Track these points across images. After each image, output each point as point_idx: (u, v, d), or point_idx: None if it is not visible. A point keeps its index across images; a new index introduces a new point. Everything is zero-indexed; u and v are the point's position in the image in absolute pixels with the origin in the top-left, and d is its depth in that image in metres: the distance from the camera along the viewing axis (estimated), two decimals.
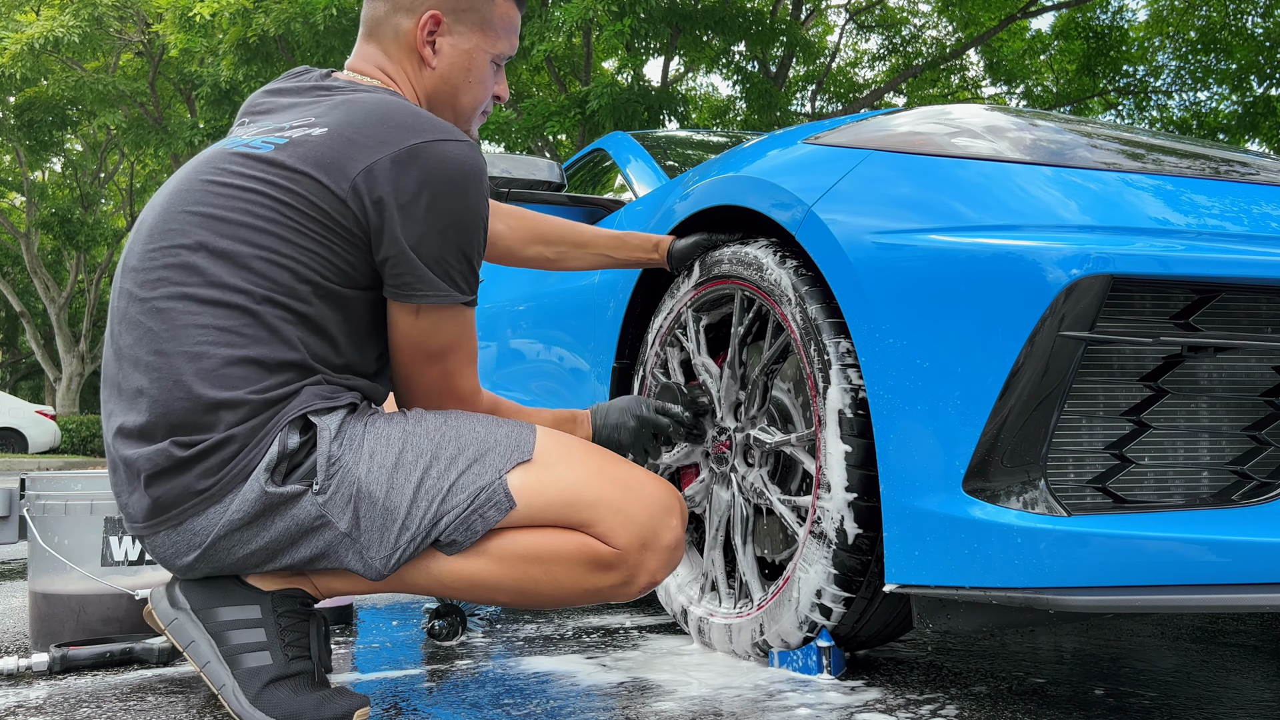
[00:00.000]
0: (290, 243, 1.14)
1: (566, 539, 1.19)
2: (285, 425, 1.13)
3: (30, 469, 11.34)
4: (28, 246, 18.81)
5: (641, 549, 1.21)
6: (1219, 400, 1.18)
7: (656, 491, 1.25)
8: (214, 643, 1.15)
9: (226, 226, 1.14)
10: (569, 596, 1.22)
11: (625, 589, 1.23)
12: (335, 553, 1.15)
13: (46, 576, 1.65)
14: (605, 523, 1.19)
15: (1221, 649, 1.67)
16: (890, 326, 1.25)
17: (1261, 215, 1.20)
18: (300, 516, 1.13)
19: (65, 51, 12.33)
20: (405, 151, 1.15)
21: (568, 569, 1.19)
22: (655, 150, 2.70)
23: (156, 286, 1.14)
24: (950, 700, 1.32)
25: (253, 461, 1.12)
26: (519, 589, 1.20)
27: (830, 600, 1.37)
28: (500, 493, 1.16)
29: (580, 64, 12.91)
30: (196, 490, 1.11)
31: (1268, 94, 13.80)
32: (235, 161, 1.18)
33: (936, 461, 1.19)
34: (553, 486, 1.18)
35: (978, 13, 13.87)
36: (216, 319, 1.12)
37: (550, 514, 1.18)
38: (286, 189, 1.15)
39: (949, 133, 1.33)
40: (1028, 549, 1.13)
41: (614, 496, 1.20)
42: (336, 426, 1.15)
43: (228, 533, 1.12)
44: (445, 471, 1.15)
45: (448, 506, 1.14)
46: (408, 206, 1.15)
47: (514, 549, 1.18)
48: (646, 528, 1.21)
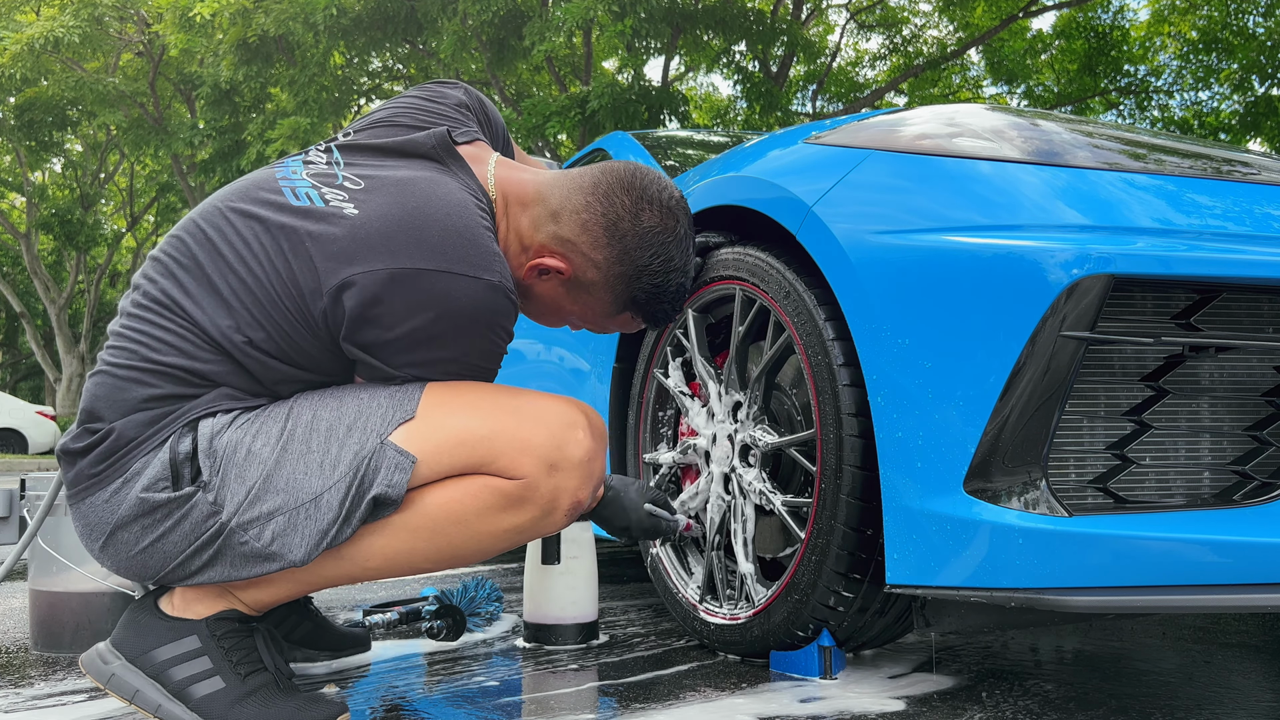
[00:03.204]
0: (265, 311, 1.10)
1: (469, 485, 1.12)
2: (180, 428, 1.10)
3: (30, 469, 11.34)
4: (28, 247, 18.81)
5: (551, 471, 1.13)
6: (1220, 400, 1.18)
7: (554, 408, 1.16)
8: (158, 685, 1.11)
9: (222, 261, 1.12)
10: (494, 543, 1.15)
11: (550, 519, 1.16)
12: (253, 557, 1.09)
13: (47, 577, 1.65)
14: (503, 455, 1.11)
15: (1223, 649, 1.67)
16: (891, 327, 1.25)
17: (1263, 215, 1.20)
18: (194, 517, 1.08)
19: (65, 51, 12.33)
20: (406, 273, 1.07)
21: (481, 517, 1.12)
22: (655, 150, 2.70)
23: (154, 281, 1.15)
24: (950, 700, 1.32)
25: (135, 457, 1.09)
26: (440, 552, 1.14)
27: (831, 601, 1.37)
28: (393, 452, 1.08)
29: (581, 64, 12.91)
30: (88, 474, 1.10)
31: (1269, 94, 13.79)
32: (266, 202, 1.14)
33: (937, 462, 1.19)
34: (441, 431, 1.11)
35: (976, 17, 13.86)
36: (162, 329, 1.11)
37: (447, 460, 1.11)
38: (285, 261, 1.10)
39: (950, 133, 1.33)
40: (1029, 549, 1.12)
41: (507, 424, 1.12)
42: (228, 421, 1.10)
43: (121, 526, 1.09)
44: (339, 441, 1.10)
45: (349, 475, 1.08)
46: (384, 327, 1.09)
47: (423, 512, 1.11)
48: (549, 448, 1.13)
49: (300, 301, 1.10)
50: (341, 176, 1.16)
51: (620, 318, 1.29)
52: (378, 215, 1.10)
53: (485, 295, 1.10)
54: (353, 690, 1.40)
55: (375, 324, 1.09)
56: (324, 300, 1.09)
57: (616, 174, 1.24)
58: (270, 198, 1.15)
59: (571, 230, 1.21)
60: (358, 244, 1.08)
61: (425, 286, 1.07)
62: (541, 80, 14.71)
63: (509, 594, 2.25)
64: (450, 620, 1.71)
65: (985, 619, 1.27)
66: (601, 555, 2.95)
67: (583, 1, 9.28)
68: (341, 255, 1.08)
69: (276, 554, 1.08)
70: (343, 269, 1.08)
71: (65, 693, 1.40)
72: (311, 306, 1.10)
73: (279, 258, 1.10)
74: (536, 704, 1.31)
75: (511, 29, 10.95)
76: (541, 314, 1.32)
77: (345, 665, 1.54)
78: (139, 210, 20.65)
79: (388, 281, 1.07)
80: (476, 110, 1.37)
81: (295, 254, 1.10)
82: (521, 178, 1.26)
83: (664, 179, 1.26)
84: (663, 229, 1.22)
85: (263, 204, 1.15)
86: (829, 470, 1.36)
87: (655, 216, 1.22)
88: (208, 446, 1.09)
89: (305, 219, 1.11)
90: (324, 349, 1.14)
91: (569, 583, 1.67)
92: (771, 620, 1.46)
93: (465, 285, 1.08)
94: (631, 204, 1.21)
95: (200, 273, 1.13)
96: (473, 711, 1.28)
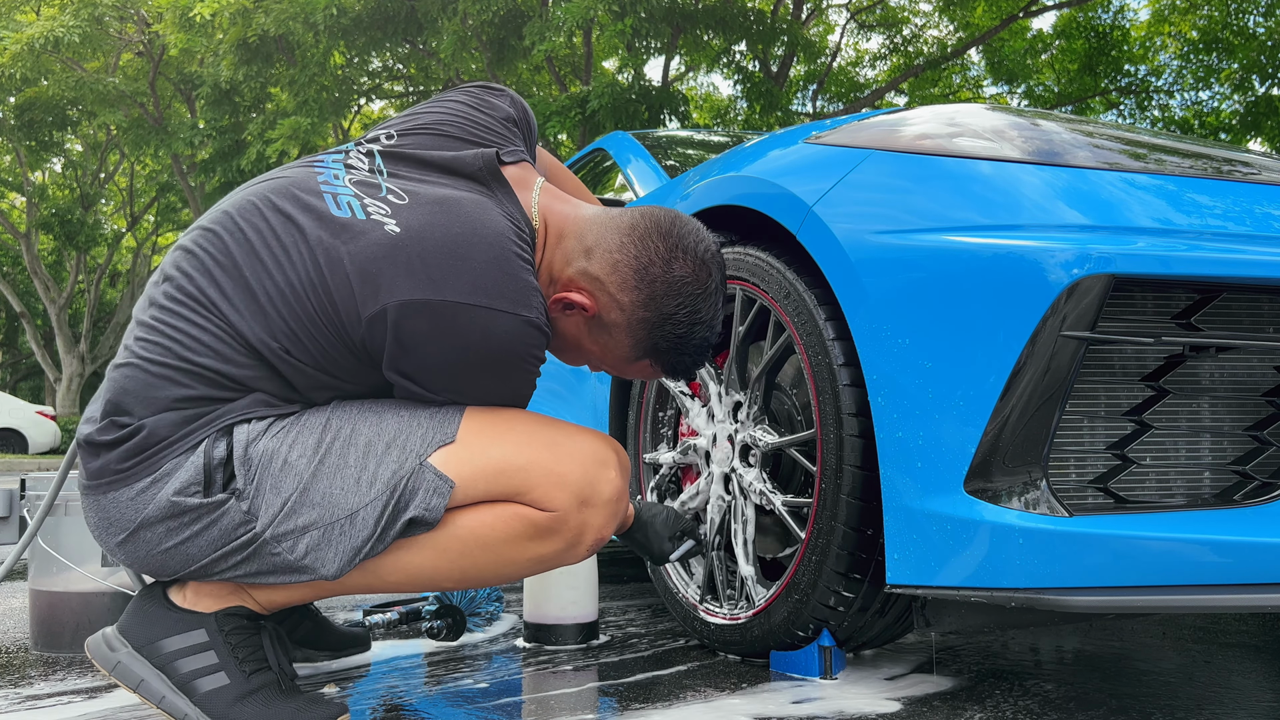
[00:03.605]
0: (302, 325, 1.10)
1: (502, 512, 1.14)
2: (214, 432, 1.09)
3: (30, 469, 11.34)
4: (28, 247, 18.82)
5: (581, 507, 1.16)
6: (1221, 400, 1.17)
7: (588, 445, 1.18)
8: (163, 676, 1.11)
9: (260, 265, 1.11)
10: (517, 570, 1.18)
11: (573, 551, 1.18)
12: (284, 568, 1.10)
13: (47, 577, 1.65)
14: (538, 487, 1.14)
15: (1223, 649, 1.67)
16: (891, 326, 1.25)
17: (1263, 215, 1.20)
18: (225, 524, 1.08)
19: (65, 51, 12.33)
20: (446, 306, 1.06)
21: (509, 544, 1.15)
22: (656, 150, 2.70)
23: (189, 277, 1.13)
24: (950, 700, 1.32)
25: (167, 457, 1.08)
26: (464, 574, 1.16)
27: (831, 601, 1.37)
28: (432, 475, 1.10)
29: (581, 64, 12.91)
30: (115, 469, 1.09)
31: (1269, 93, 13.79)
32: (306, 207, 1.13)
33: (938, 462, 1.19)
34: (479, 458, 1.12)
35: (977, 17, 13.86)
36: (198, 328, 1.10)
37: (483, 487, 1.12)
38: (322, 277, 1.09)
39: (950, 133, 1.33)
40: (1029, 549, 1.12)
41: (544, 458, 1.15)
42: (263, 429, 1.10)
43: (146, 525, 1.09)
44: (377, 458, 1.10)
45: (385, 495, 1.09)
46: (423, 357, 1.09)
47: (453, 534, 1.13)
48: (583, 484, 1.15)
49: (337, 322, 1.09)
50: (385, 189, 1.15)
51: (639, 365, 1.27)
52: (418, 236, 1.09)
53: (522, 331, 1.10)
54: (353, 690, 1.40)
55: (413, 354, 1.10)
56: (362, 328, 1.09)
57: (655, 219, 1.22)
58: (311, 202, 1.13)
59: (602, 269, 1.20)
60: (397, 266, 1.07)
61: (464, 322, 1.07)
62: (541, 80, 14.71)
63: (509, 594, 2.25)
64: (450, 620, 1.71)
65: (985, 619, 1.27)
66: (602, 555, 2.95)
67: (583, 1, 9.28)
68: (381, 276, 1.07)
69: (309, 567, 1.10)
70: (381, 294, 1.07)
71: (65, 692, 1.40)
72: (351, 332, 1.10)
73: (316, 273, 1.09)
74: (536, 704, 1.31)
75: (511, 29, 10.96)
76: (561, 349, 1.30)
77: (345, 665, 1.54)
78: (139, 210, 20.65)
79: (426, 314, 1.06)
80: (522, 124, 1.35)
81: (333, 272, 1.09)
82: (564, 210, 1.25)
83: (702, 230, 1.25)
84: (694, 280, 1.20)
85: (302, 208, 1.13)
86: (829, 470, 1.36)
87: (688, 267, 1.20)
88: (243, 454, 1.09)
89: (344, 235, 1.10)
90: (361, 366, 1.14)
91: (569, 583, 1.67)
92: (772, 620, 1.46)
93: (504, 322, 1.08)
94: (666, 250, 1.20)
95: (238, 274, 1.11)
96: (473, 711, 1.28)
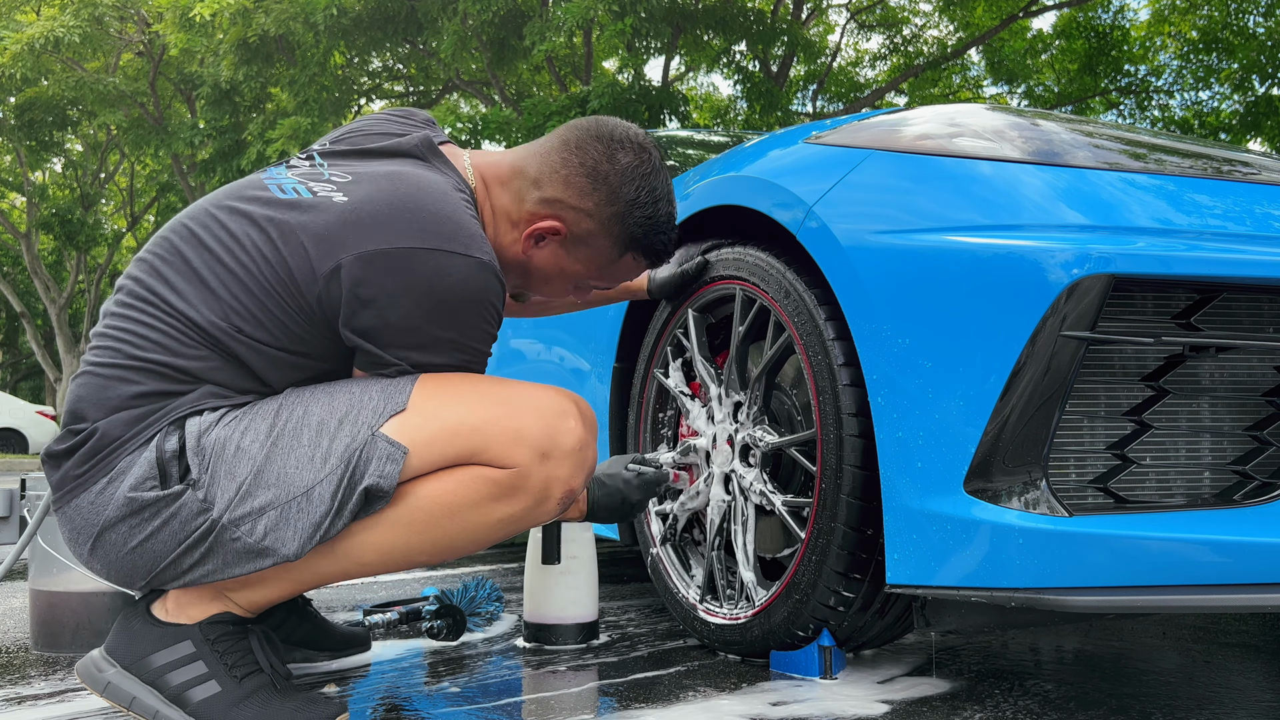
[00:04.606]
0: (255, 299, 1.12)
1: (462, 476, 1.12)
2: (166, 426, 1.10)
3: (30, 469, 11.34)
4: (28, 247, 18.81)
5: (542, 460, 1.14)
6: (1221, 400, 1.18)
7: (545, 398, 1.17)
8: (155, 691, 1.11)
9: (208, 254, 1.14)
10: (489, 533, 1.16)
11: (543, 508, 1.16)
12: (246, 553, 1.08)
13: (47, 576, 1.65)
14: (495, 444, 1.12)
15: (1223, 649, 1.67)
16: (891, 326, 1.25)
17: (1263, 215, 1.20)
18: (184, 515, 1.08)
19: (65, 51, 12.33)
20: (400, 252, 1.10)
21: (475, 507, 1.13)
22: None
23: (138, 280, 1.17)
24: (950, 700, 1.32)
25: (120, 456, 1.09)
26: (435, 545, 1.14)
27: (831, 601, 1.37)
28: (384, 443, 1.09)
29: (581, 63, 12.91)
30: (74, 475, 1.10)
31: (1269, 93, 13.78)
32: (252, 198, 1.17)
33: (937, 462, 1.19)
34: (433, 422, 1.11)
35: (977, 17, 13.85)
36: (145, 325, 1.12)
37: (439, 450, 1.11)
38: (276, 250, 1.12)
39: (950, 133, 1.33)
40: (1029, 549, 1.12)
41: (498, 414, 1.13)
42: (215, 419, 1.10)
43: (108, 527, 1.09)
44: (329, 435, 1.10)
45: (340, 468, 1.08)
46: (380, 309, 1.11)
47: (416, 504, 1.11)
48: (541, 437, 1.13)
49: (293, 288, 1.12)
50: (329, 174, 1.20)
51: (624, 262, 1.32)
52: (368, 200, 1.13)
53: (476, 272, 1.12)
54: (353, 690, 1.40)
55: (370, 306, 1.11)
56: (319, 285, 1.11)
57: (583, 127, 1.29)
58: (256, 194, 1.18)
59: (556, 189, 1.26)
60: (348, 228, 1.11)
61: (418, 265, 1.10)
62: (542, 80, 14.71)
63: (509, 594, 2.25)
64: (450, 620, 1.71)
65: (985, 619, 1.27)
66: (601, 555, 2.95)
67: (583, 1, 9.28)
68: (334, 239, 1.11)
69: (270, 549, 1.08)
70: (336, 251, 1.10)
71: (65, 691, 1.40)
72: (306, 293, 1.12)
73: (268, 247, 1.12)
74: (536, 704, 1.32)
75: (512, 29, 10.95)
76: (547, 282, 1.34)
77: (345, 665, 1.54)
78: (139, 210, 20.65)
79: (382, 261, 1.09)
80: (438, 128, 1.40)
81: (286, 242, 1.12)
82: (496, 160, 1.31)
83: (627, 123, 1.32)
84: (640, 163, 1.27)
85: (249, 200, 1.17)
86: (829, 470, 1.36)
87: (630, 155, 1.27)
88: (195, 444, 1.09)
89: (293, 210, 1.14)
90: (319, 334, 1.15)
91: (569, 583, 1.67)
92: (772, 620, 1.46)
93: (458, 263, 1.11)
94: (605, 148, 1.26)
95: (186, 267, 1.14)
96: (473, 711, 1.28)
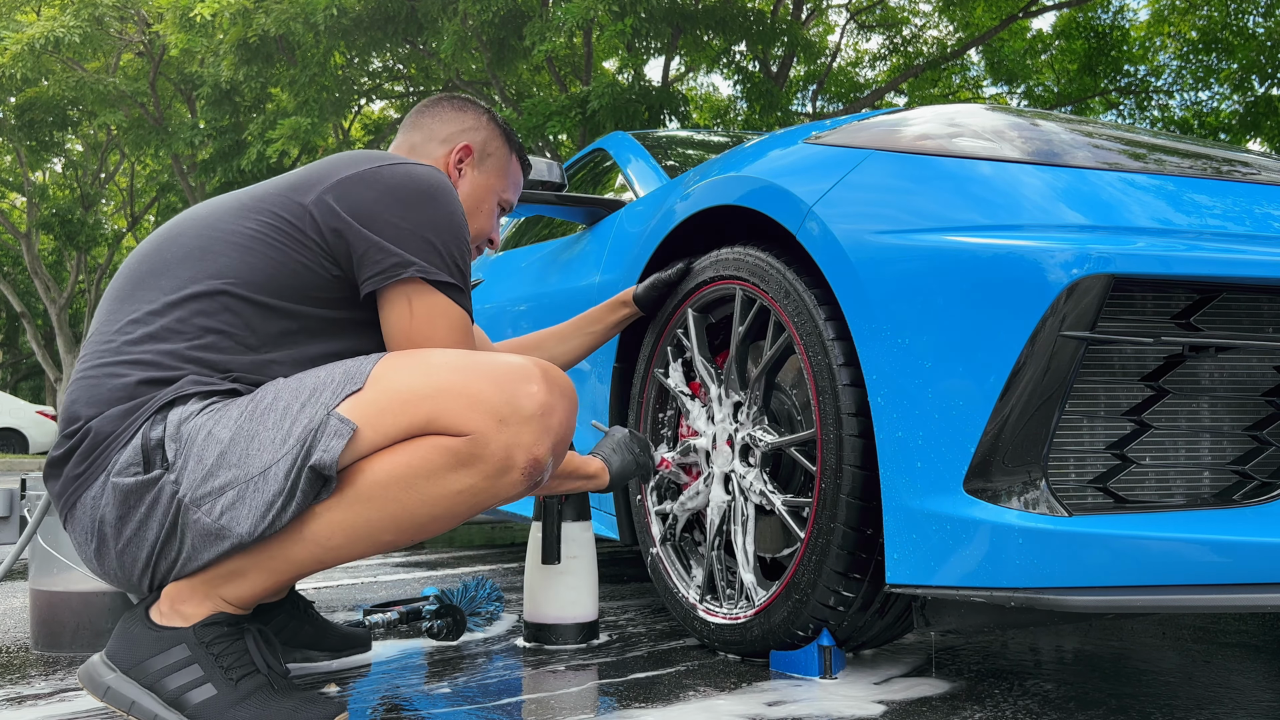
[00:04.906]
0: (252, 249, 1.21)
1: (416, 446, 1.09)
2: (151, 415, 1.12)
3: (30, 469, 11.34)
4: (28, 247, 18.81)
5: (500, 425, 1.09)
6: (1220, 400, 1.18)
7: (505, 363, 1.14)
8: (154, 694, 1.11)
9: (180, 241, 1.25)
10: (449, 507, 1.11)
11: (506, 479, 1.11)
12: (207, 535, 1.09)
13: (47, 576, 1.66)
14: (448, 411, 1.08)
15: (1223, 649, 1.67)
16: (891, 326, 1.25)
17: (1263, 215, 1.20)
18: (163, 499, 1.10)
19: (66, 52, 12.32)
20: (369, 171, 1.25)
21: (430, 478, 1.09)
22: (656, 150, 2.70)
23: (113, 291, 1.28)
24: (950, 700, 1.32)
25: (115, 450, 1.11)
26: (397, 522, 1.11)
27: (831, 600, 1.37)
28: (335, 420, 1.08)
29: (581, 64, 12.91)
30: (74, 476, 1.13)
31: (1269, 94, 13.78)
32: (236, 196, 1.31)
33: (937, 462, 1.19)
34: (385, 394, 1.10)
35: (977, 17, 13.85)
36: (130, 317, 1.19)
37: (391, 421, 1.09)
38: (257, 202, 1.25)
39: (950, 133, 1.33)
40: (1029, 549, 1.12)
41: (453, 380, 1.10)
42: (198, 408, 1.12)
43: (105, 523, 1.12)
44: (292, 417, 1.10)
45: (295, 448, 1.08)
46: (370, 212, 1.22)
47: (372, 479, 1.09)
48: (497, 400, 1.09)
49: (288, 221, 1.22)
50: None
51: (514, 164, 1.59)
52: (328, 160, 1.30)
53: (437, 174, 1.29)
54: (353, 690, 1.40)
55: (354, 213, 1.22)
56: (309, 200, 1.23)
57: (417, 107, 1.58)
58: (238, 197, 1.32)
59: (445, 131, 1.52)
60: (316, 172, 1.27)
61: (386, 175, 1.25)
62: (542, 80, 14.71)
63: (509, 594, 2.25)
64: (450, 620, 1.71)
65: (985, 619, 1.27)
66: (601, 555, 2.95)
67: (583, 1, 9.27)
68: (307, 182, 1.25)
69: (225, 528, 1.08)
70: (314, 187, 1.24)
71: (65, 691, 1.40)
72: (298, 221, 1.22)
73: (251, 202, 1.25)
74: (536, 704, 1.32)
75: (512, 29, 10.95)
76: (479, 208, 1.54)
77: (345, 665, 1.54)
78: (139, 210, 20.64)
79: (355, 179, 1.24)
80: None
81: (266, 193, 1.26)
82: (397, 145, 1.54)
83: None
84: (473, 97, 1.60)
85: (236, 197, 1.31)
86: (829, 470, 1.36)
87: (455, 100, 1.58)
88: (175, 431, 1.11)
89: (271, 184, 1.29)
90: (309, 269, 1.22)
91: (569, 583, 1.67)
92: (771, 620, 1.46)
93: (419, 169, 1.28)
94: (445, 97, 1.57)
95: (158, 256, 1.24)
96: (473, 711, 1.28)
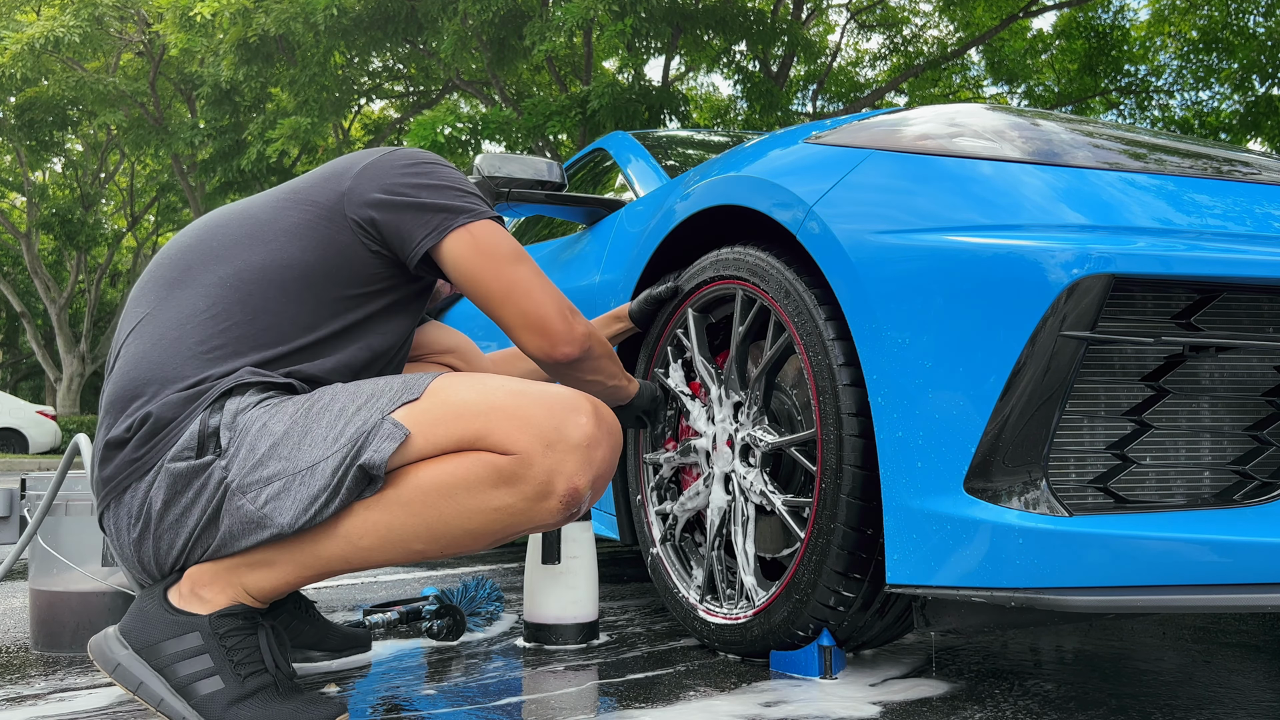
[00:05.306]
0: (298, 234, 1.27)
1: (464, 458, 1.11)
2: (210, 404, 1.14)
3: (30, 469, 11.34)
4: (28, 247, 18.81)
5: (546, 450, 1.11)
6: (1220, 400, 1.17)
7: (558, 392, 1.16)
8: (164, 679, 1.11)
9: (222, 232, 1.29)
10: (485, 525, 1.12)
11: (544, 504, 1.12)
12: (248, 523, 1.11)
13: (47, 576, 1.65)
14: (499, 429, 1.10)
15: (1223, 649, 1.67)
16: (891, 326, 1.25)
17: (1263, 215, 1.20)
18: (210, 485, 1.12)
19: (65, 51, 12.33)
20: (384, 155, 1.34)
21: (471, 491, 1.11)
22: (656, 150, 2.70)
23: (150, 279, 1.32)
24: (950, 700, 1.32)
25: (174, 437, 1.14)
26: (431, 529, 1.12)
27: (831, 600, 1.37)
28: (389, 424, 1.11)
29: (581, 64, 12.91)
30: (131, 460, 1.15)
31: (1269, 93, 13.78)
32: (269, 193, 1.38)
33: (937, 461, 1.19)
34: (440, 406, 1.13)
35: (977, 17, 13.85)
36: (182, 306, 1.23)
37: (442, 432, 1.11)
38: (296, 200, 1.31)
39: (950, 133, 1.33)
40: (1029, 549, 1.12)
41: (507, 402, 1.13)
42: (255, 400, 1.15)
43: (155, 507, 1.13)
44: (346, 419, 1.13)
45: (346, 448, 1.10)
46: (396, 184, 1.29)
47: (414, 484, 1.11)
48: (547, 426, 1.11)
49: (323, 205, 1.28)
50: None
51: None
52: (344, 158, 1.36)
53: (420, 149, 1.37)
54: (353, 690, 1.40)
55: (380, 191, 1.29)
56: (344, 195, 1.29)
57: None
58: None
59: None
60: (338, 166, 1.34)
61: (398, 155, 1.33)
62: (542, 80, 14.71)
63: (509, 594, 2.25)
64: (450, 620, 1.71)
65: (985, 619, 1.27)
66: (601, 555, 2.95)
67: (583, 1, 9.27)
68: (333, 174, 1.32)
69: (267, 517, 1.10)
70: (342, 177, 1.31)
71: (66, 690, 1.40)
72: (330, 206, 1.28)
73: (281, 204, 1.30)
74: (536, 704, 1.32)
75: (512, 29, 10.95)
76: None
77: (345, 665, 1.54)
78: (139, 210, 20.65)
79: (376, 165, 1.31)
80: None
81: (295, 194, 1.32)
82: None
83: None
84: None
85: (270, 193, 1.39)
86: (829, 470, 1.36)
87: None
88: (231, 420, 1.13)
89: (283, 186, 1.35)
90: (354, 248, 1.28)
91: (569, 582, 1.67)
92: (771, 620, 1.46)
93: (410, 148, 1.35)
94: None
95: (206, 245, 1.28)
96: (473, 711, 1.28)
